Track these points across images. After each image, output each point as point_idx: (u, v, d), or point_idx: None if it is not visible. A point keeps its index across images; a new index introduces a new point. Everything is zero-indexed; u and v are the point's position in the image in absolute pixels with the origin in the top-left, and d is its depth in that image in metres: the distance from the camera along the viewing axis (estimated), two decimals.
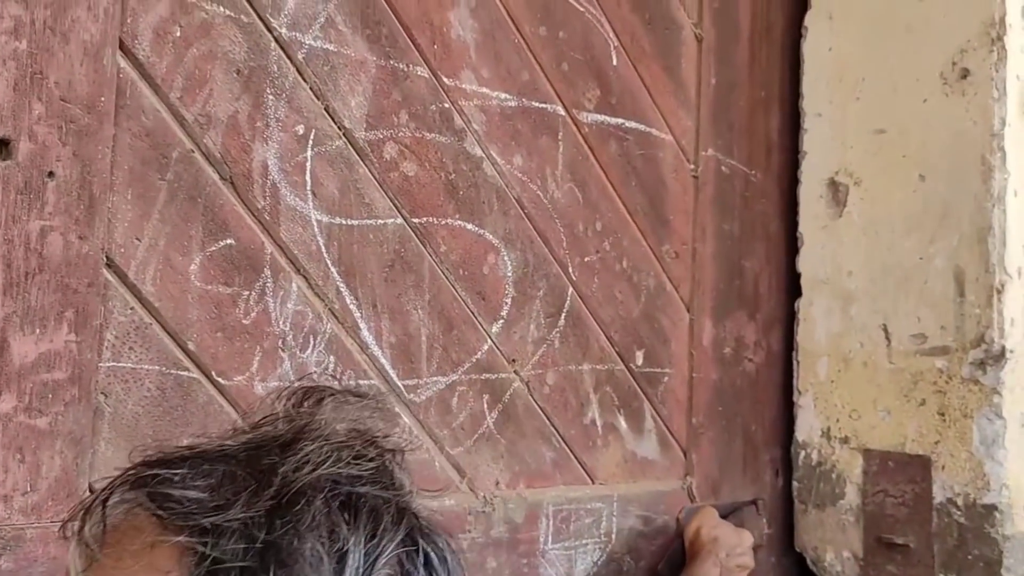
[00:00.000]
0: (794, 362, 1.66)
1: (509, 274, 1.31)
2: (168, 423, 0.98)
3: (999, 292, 1.44)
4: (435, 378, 1.22)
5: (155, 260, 0.99)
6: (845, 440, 1.57)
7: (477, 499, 1.24)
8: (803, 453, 1.62)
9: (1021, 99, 1.47)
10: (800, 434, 1.63)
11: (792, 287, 1.68)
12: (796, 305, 1.66)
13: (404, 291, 1.20)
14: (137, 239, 0.98)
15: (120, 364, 0.95)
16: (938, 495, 1.45)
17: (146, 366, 0.98)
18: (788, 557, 1.63)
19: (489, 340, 1.28)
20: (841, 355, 1.60)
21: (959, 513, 1.43)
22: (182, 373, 1.01)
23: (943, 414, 1.47)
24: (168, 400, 0.98)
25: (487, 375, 1.28)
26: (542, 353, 1.34)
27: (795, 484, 1.63)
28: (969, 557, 1.41)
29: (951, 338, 1.47)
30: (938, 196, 1.49)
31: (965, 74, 1.47)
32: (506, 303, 1.31)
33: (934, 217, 1.51)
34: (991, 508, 1.40)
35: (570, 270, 1.38)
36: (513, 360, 1.31)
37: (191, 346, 1.01)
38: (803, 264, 1.67)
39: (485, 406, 1.27)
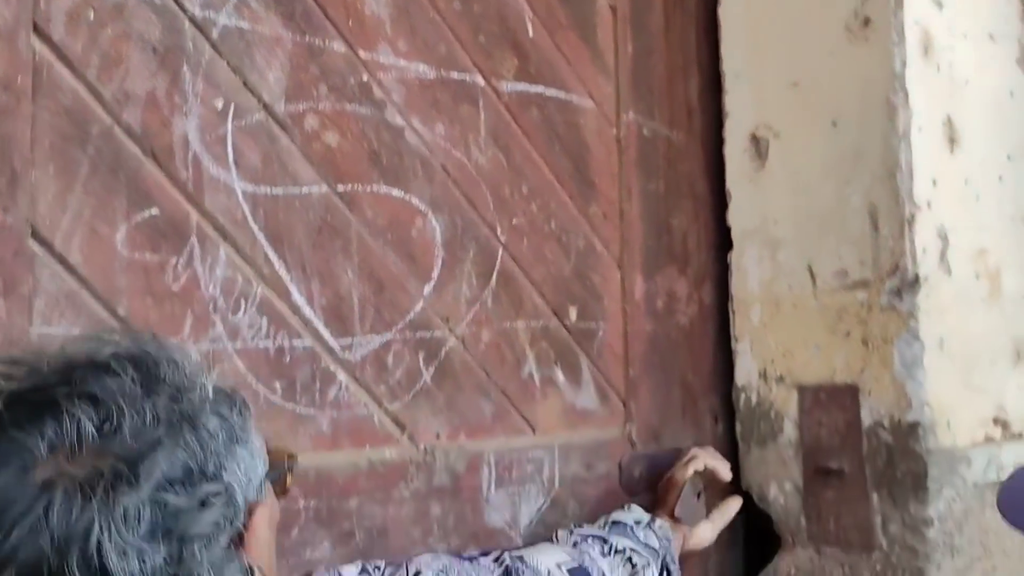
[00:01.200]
0: (730, 311, 1.72)
1: (438, 237, 1.36)
2: None
3: (910, 223, 1.51)
4: (369, 336, 1.27)
5: (80, 230, 1.03)
6: (780, 379, 1.64)
7: (418, 451, 1.29)
8: (743, 396, 1.69)
9: (921, 42, 1.54)
10: (739, 379, 1.69)
11: (721, 242, 1.75)
12: (728, 258, 1.73)
13: (333, 255, 1.25)
14: (61, 211, 1.02)
15: (51, 329, 1.00)
16: (866, 419, 1.52)
17: (77, 331, 1.02)
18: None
19: (422, 300, 1.33)
20: (772, 300, 1.66)
21: (886, 434, 1.50)
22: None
23: (866, 342, 1.54)
24: None
25: (421, 333, 1.33)
26: (475, 312, 1.39)
27: (738, 426, 1.68)
28: (898, 474, 1.47)
29: (869, 271, 1.54)
30: (850, 140, 1.56)
31: (867, 22, 1.54)
32: (436, 264, 1.36)
33: (848, 160, 1.58)
34: (915, 426, 1.47)
35: (499, 232, 1.43)
36: (447, 319, 1.36)
37: (121, 311, 1.06)
38: (732, 218, 1.73)
39: (421, 363, 1.32)
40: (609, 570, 1.18)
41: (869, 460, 1.52)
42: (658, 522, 1.29)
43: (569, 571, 1.15)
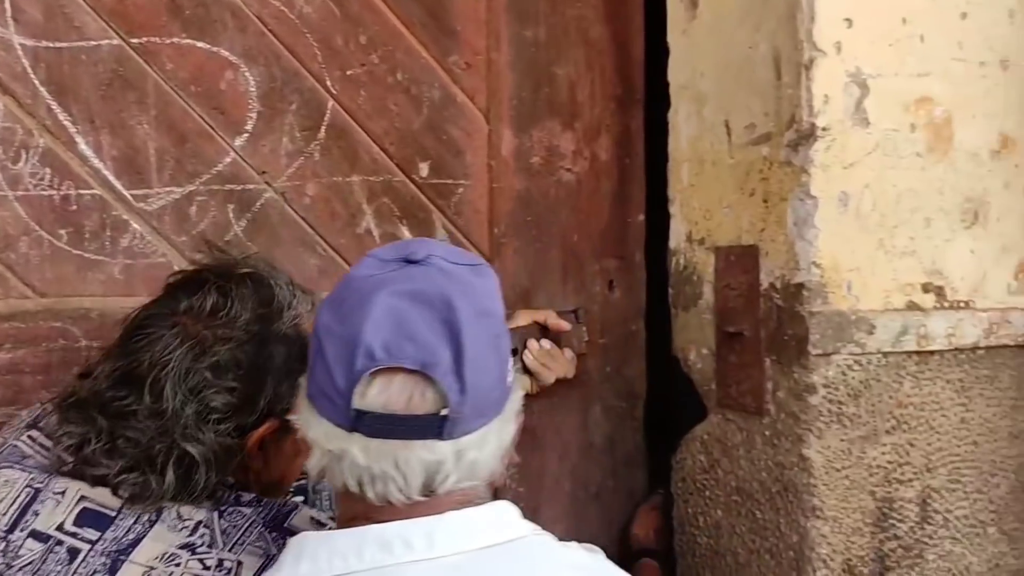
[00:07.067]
0: (668, 172, 1.60)
1: (252, 89, 1.35)
2: None
3: (807, 69, 1.33)
4: (168, 188, 1.30)
5: None
6: (701, 241, 1.53)
7: None
8: (674, 260, 1.59)
9: None
10: (672, 241, 1.59)
11: (627, 94, 1.60)
12: (668, 115, 1.61)
13: (125, 107, 1.28)
14: None
15: None
16: (764, 281, 1.39)
17: None
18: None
19: (232, 152, 1.34)
20: (698, 158, 1.54)
21: (778, 296, 1.37)
22: None
23: (767, 201, 1.39)
24: None
25: (231, 186, 1.34)
26: (299, 165, 1.38)
27: (670, 291, 1.60)
28: (785, 337, 1.34)
29: (772, 123, 1.38)
30: None
31: None
32: (251, 117, 1.35)
33: (759, 3, 1.40)
34: (800, 287, 1.32)
35: (328, 83, 1.40)
36: (264, 172, 1.36)
37: None
38: (671, 73, 1.60)
39: (231, 215, 1.34)
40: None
41: (764, 323, 1.39)
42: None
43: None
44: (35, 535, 0.90)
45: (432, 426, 0.74)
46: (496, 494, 0.87)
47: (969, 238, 1.41)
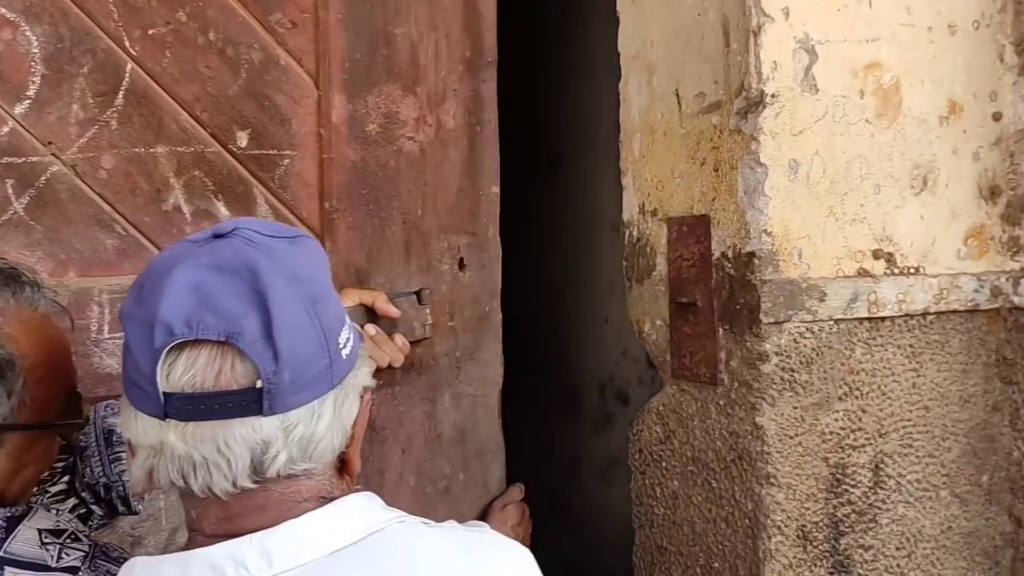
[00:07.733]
0: (619, 143, 1.54)
1: (35, 50, 1.22)
2: None
3: (755, 35, 1.27)
4: None
5: None
6: (654, 212, 1.47)
7: None
8: (627, 232, 1.53)
9: None
10: (625, 214, 1.54)
11: (477, 56, 1.48)
12: (619, 86, 1.54)
13: None
14: None
15: None
16: (716, 251, 1.33)
17: None
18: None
19: (11, 121, 1.21)
20: (649, 128, 1.47)
21: (729, 265, 1.31)
22: None
23: (717, 170, 1.33)
24: None
25: (10, 159, 1.21)
26: (93, 135, 1.25)
27: (624, 263, 1.54)
28: (737, 306, 1.28)
29: (722, 91, 1.32)
30: None
31: None
32: (33, 82, 1.22)
33: None
34: (751, 256, 1.27)
35: (127, 44, 1.26)
36: (50, 143, 1.23)
37: None
38: (621, 43, 1.52)
39: (11, 191, 1.21)
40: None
41: (716, 293, 1.33)
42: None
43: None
44: None
45: (250, 401, 0.67)
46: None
47: (918, 204, 1.36)
